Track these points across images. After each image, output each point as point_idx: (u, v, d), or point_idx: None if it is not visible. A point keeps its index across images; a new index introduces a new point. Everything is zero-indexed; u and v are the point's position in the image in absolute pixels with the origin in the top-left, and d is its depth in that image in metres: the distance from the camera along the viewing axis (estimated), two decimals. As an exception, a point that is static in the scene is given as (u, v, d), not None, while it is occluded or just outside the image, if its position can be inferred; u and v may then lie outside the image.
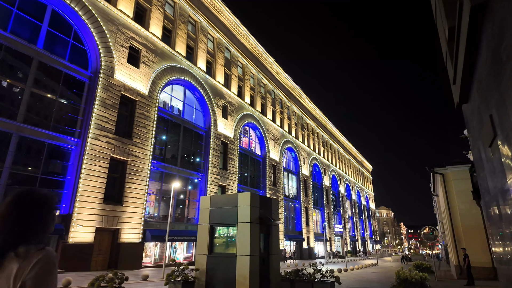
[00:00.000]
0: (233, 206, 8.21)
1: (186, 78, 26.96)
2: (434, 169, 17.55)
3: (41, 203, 1.43)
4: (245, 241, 7.72)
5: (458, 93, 8.17)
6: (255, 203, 8.25)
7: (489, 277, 15.06)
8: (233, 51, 35.46)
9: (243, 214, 7.96)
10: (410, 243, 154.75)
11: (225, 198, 8.74)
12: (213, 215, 8.45)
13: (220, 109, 30.94)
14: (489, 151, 6.57)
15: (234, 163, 31.83)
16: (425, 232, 15.75)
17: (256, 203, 8.30)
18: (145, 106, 22.57)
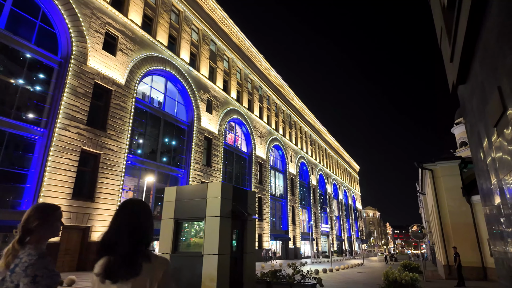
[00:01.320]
0: (202, 198, 7.14)
1: (168, 69, 25.65)
2: (423, 165, 16.88)
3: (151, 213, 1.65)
4: (213, 238, 6.66)
5: (456, 72, 7.26)
6: (226, 195, 7.19)
7: (478, 277, 14.43)
8: (219, 44, 34.28)
9: (212, 207, 6.90)
10: (396, 243, 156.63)
11: (193, 189, 7.65)
12: (179, 208, 7.36)
13: (205, 103, 29.72)
14: (493, 133, 5.67)
15: (218, 160, 30.67)
16: (413, 230, 15.01)
17: (228, 195, 7.25)
18: (121, 96, 21.18)
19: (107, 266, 1.41)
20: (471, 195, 15.17)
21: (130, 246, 1.44)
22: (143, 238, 1.51)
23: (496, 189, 6.06)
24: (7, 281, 1.64)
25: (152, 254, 1.48)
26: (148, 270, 1.41)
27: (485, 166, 6.79)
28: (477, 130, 7.16)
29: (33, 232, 1.75)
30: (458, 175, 15.83)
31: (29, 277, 1.60)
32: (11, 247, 1.72)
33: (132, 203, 1.62)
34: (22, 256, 1.67)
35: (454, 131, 29.95)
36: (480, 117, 6.58)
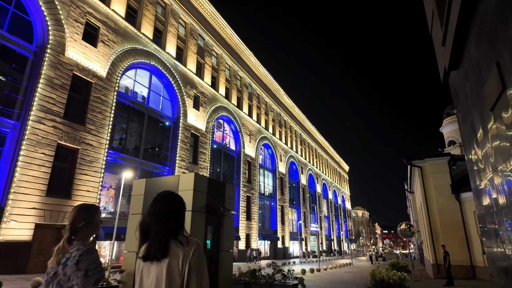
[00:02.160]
0: (173, 191, 6.50)
1: (153, 63, 24.80)
2: (412, 162, 16.54)
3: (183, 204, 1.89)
4: (184, 234, 6.04)
5: (449, 55, 6.75)
6: (200, 187, 6.54)
7: (467, 276, 14.12)
8: (207, 39, 33.52)
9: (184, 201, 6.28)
10: (385, 243, 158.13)
11: (163, 182, 6.97)
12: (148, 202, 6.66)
13: (191, 99, 28.93)
14: (489, 118, 5.17)
15: (205, 158, 29.91)
16: (402, 228, 14.63)
17: (202, 188, 6.60)
18: (102, 89, 20.26)
19: (146, 249, 1.67)
20: (460, 192, 14.87)
21: (162, 233, 1.66)
22: (173, 226, 1.71)
23: (491, 182, 5.57)
24: (59, 275, 1.83)
25: (184, 239, 1.68)
26: (180, 251, 1.62)
27: (479, 158, 6.33)
28: (470, 119, 6.69)
29: (80, 231, 1.95)
30: (447, 172, 15.53)
31: (82, 271, 1.79)
32: (61, 245, 1.92)
33: (163, 196, 1.83)
34: (71, 251, 1.85)
35: (443, 130, 29.92)
36: (474, 103, 6.10)
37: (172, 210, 1.76)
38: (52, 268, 1.91)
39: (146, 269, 1.65)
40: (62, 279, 1.83)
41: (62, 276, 1.83)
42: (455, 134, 28.26)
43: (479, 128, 5.95)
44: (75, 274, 1.80)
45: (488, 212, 6.14)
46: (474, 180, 7.21)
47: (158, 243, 1.63)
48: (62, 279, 1.83)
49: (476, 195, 7.12)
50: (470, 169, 7.38)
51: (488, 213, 6.17)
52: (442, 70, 7.79)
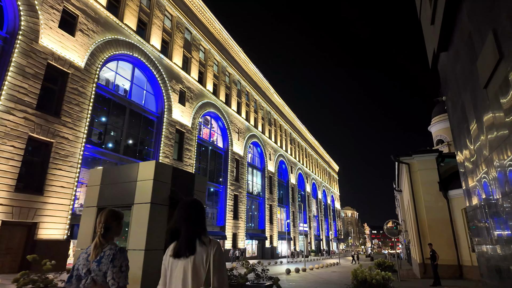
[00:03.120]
0: (131, 181, 5.77)
1: (136, 55, 23.86)
2: (399, 158, 16.11)
3: (204, 208, 2.17)
4: (141, 229, 5.30)
5: (438, 34, 6.19)
6: (163, 177, 5.83)
7: (454, 276, 13.73)
8: (195, 33, 32.67)
9: (143, 192, 5.53)
10: (373, 243, 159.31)
11: (122, 171, 6.23)
12: (104, 194, 5.92)
13: (177, 94, 28.06)
14: (483, 96, 4.62)
15: (191, 155, 29.08)
16: (388, 226, 14.15)
17: (165, 177, 5.89)
18: (80, 80, 19.27)
19: (175, 248, 1.97)
20: (448, 189, 14.48)
21: (189, 235, 1.96)
22: (198, 229, 2.00)
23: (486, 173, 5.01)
24: (94, 271, 2.05)
25: (207, 239, 1.98)
26: (204, 250, 1.92)
27: (470, 148, 5.78)
28: (461, 103, 6.13)
29: (110, 230, 2.21)
30: (435, 169, 15.14)
31: (117, 267, 2.04)
32: (98, 241, 2.14)
33: (189, 203, 2.13)
34: (105, 250, 2.11)
35: (431, 129, 29.79)
36: (465, 85, 5.54)
37: (197, 216, 2.04)
38: (84, 265, 2.10)
39: (174, 264, 1.93)
40: (97, 274, 2.03)
41: (97, 272, 2.03)
42: (443, 133, 28.12)
43: (471, 111, 5.41)
44: (110, 270, 2.01)
45: (480, 208, 5.61)
46: (464, 173, 6.66)
47: (186, 243, 1.92)
48: (97, 274, 2.03)
49: (467, 190, 6.58)
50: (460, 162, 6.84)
51: (479, 210, 5.64)
52: (430, 54, 7.25)
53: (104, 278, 2.02)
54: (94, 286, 2.03)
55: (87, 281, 2.03)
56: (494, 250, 5.29)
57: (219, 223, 33.61)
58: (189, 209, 2.06)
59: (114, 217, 2.25)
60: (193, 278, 1.83)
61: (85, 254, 2.16)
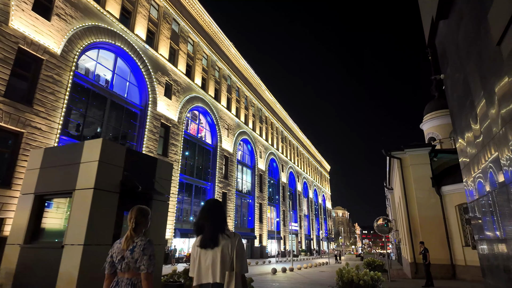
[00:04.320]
0: (75, 163, 4.83)
1: (118, 44, 22.71)
2: (391, 153, 15.39)
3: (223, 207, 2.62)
4: (80, 220, 4.37)
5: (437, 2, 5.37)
6: (113, 159, 4.89)
7: (446, 276, 13.05)
8: (183, 25, 31.58)
9: (86, 176, 4.60)
10: (364, 243, 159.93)
11: (64, 151, 5.27)
12: (43, 179, 4.96)
13: (163, 86, 26.97)
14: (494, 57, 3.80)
15: (177, 150, 28.01)
16: (379, 223, 13.40)
17: (115, 159, 4.95)
18: (55, 68, 18.09)
19: (202, 240, 2.37)
20: (441, 185, 13.81)
21: (212, 228, 2.38)
22: (220, 223, 2.42)
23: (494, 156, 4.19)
24: (127, 257, 2.43)
25: (230, 232, 2.43)
26: (228, 241, 2.32)
27: (475, 126, 4.95)
28: (463, 77, 5.32)
29: (139, 225, 2.59)
30: (428, 164, 14.46)
31: (147, 255, 2.42)
32: (129, 234, 2.52)
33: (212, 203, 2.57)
34: (136, 241, 2.49)
35: (423, 127, 29.28)
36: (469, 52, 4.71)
37: (218, 214, 2.48)
38: (118, 253, 2.49)
39: (203, 253, 2.33)
40: (130, 261, 2.42)
41: (130, 259, 2.41)
42: (435, 131, 27.62)
43: (477, 82, 4.60)
44: (141, 258, 2.41)
45: (487, 199, 4.81)
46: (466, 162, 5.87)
47: (211, 236, 2.35)
48: (130, 261, 2.42)
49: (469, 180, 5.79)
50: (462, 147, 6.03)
51: (485, 201, 4.84)
52: (428, 24, 6.42)
53: (135, 264, 2.40)
54: (128, 270, 2.43)
55: (122, 266, 2.42)
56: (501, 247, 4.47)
57: (206, 221, 32.64)
58: (211, 208, 2.49)
59: (142, 213, 2.62)
60: (221, 264, 2.22)
61: (119, 244, 2.53)
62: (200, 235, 2.40)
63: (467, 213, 13.13)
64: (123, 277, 2.45)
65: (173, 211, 26.26)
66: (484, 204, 4.74)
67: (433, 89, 31.32)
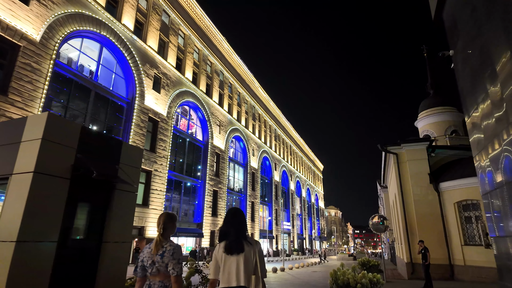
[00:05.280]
0: (15, 142, 3.98)
1: (104, 33, 21.65)
2: (387, 148, 14.72)
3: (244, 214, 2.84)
4: (15, 212, 3.52)
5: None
6: (62, 138, 4.03)
7: (444, 276, 12.43)
8: (173, 17, 30.58)
9: (25, 157, 3.75)
10: (356, 242, 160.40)
11: (6, 128, 4.39)
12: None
13: (151, 79, 25.96)
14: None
15: (165, 146, 27.04)
16: (374, 221, 12.71)
17: (66, 139, 4.09)
18: (34, 55, 17.02)
19: (227, 246, 2.53)
20: (439, 181, 13.18)
21: (237, 235, 2.56)
22: (243, 231, 2.63)
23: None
24: (157, 262, 2.57)
25: (251, 240, 2.63)
26: (251, 248, 2.54)
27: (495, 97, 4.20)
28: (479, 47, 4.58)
29: (167, 230, 2.72)
30: (425, 159, 13.83)
31: (176, 259, 2.59)
32: (158, 239, 2.65)
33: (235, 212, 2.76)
34: (165, 246, 2.63)
35: (418, 124, 28.85)
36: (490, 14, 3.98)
37: (241, 222, 2.69)
38: (149, 258, 2.61)
39: (227, 258, 2.49)
40: (160, 265, 2.56)
41: (161, 263, 2.56)
42: (430, 128, 27.15)
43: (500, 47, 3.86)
44: (171, 261, 2.56)
45: (507, 190, 4.08)
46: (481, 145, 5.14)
47: (236, 243, 2.52)
48: (160, 265, 2.56)
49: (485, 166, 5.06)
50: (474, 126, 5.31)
51: (507, 189, 4.11)
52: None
53: (166, 268, 2.57)
54: (158, 274, 2.59)
55: (153, 270, 2.59)
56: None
57: (196, 220, 31.69)
58: (235, 216, 2.72)
59: (169, 219, 2.79)
60: (245, 269, 2.45)
61: (149, 248, 2.67)
62: (223, 241, 2.59)
63: (466, 211, 12.54)
64: (154, 280, 2.61)
65: (161, 209, 25.30)
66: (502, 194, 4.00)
67: (428, 87, 30.96)
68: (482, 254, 11.47)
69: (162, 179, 25.97)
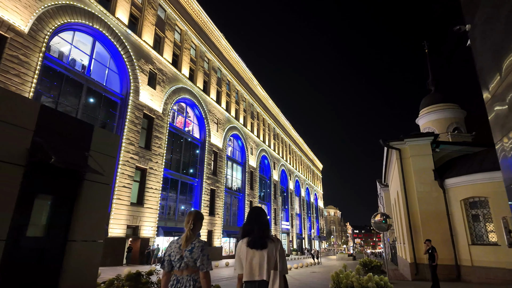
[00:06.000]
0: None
1: (96, 27, 20.99)
2: (389, 143, 14.11)
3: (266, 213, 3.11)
4: None
5: None
6: (14, 118, 3.41)
7: (450, 277, 11.81)
8: (169, 12, 29.92)
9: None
10: (355, 242, 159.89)
11: None
12: None
13: (146, 75, 25.30)
14: None
15: (161, 143, 26.38)
16: (376, 220, 12.10)
17: (21, 119, 3.47)
18: (21, 47, 16.37)
19: (250, 241, 2.67)
20: (444, 178, 12.56)
21: (259, 232, 2.69)
22: (266, 228, 2.76)
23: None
24: (186, 257, 2.74)
25: (273, 237, 2.74)
26: (273, 245, 2.66)
27: None
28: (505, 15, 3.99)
29: (196, 226, 2.91)
30: (429, 155, 13.21)
31: (205, 255, 2.77)
32: (188, 234, 2.84)
33: (259, 211, 2.90)
34: (194, 242, 2.82)
35: (419, 122, 28.26)
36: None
37: (264, 219, 2.82)
38: (177, 253, 2.77)
39: (251, 253, 2.62)
40: (189, 260, 2.73)
41: (190, 258, 2.74)
42: (431, 125, 26.56)
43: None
44: (201, 257, 2.74)
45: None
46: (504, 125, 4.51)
47: (260, 239, 2.66)
48: (189, 260, 2.73)
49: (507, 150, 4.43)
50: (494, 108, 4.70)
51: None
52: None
53: (194, 263, 2.74)
54: (186, 268, 2.73)
55: (181, 265, 2.74)
56: None
57: (193, 219, 31.03)
58: (258, 214, 2.84)
59: (198, 217, 2.98)
60: (267, 263, 2.58)
61: (177, 244, 2.84)
62: (246, 237, 2.73)
63: (473, 208, 11.93)
64: (181, 275, 2.73)
65: (156, 208, 24.65)
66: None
67: (429, 83, 30.38)
68: (490, 254, 10.87)
69: (157, 177, 25.32)
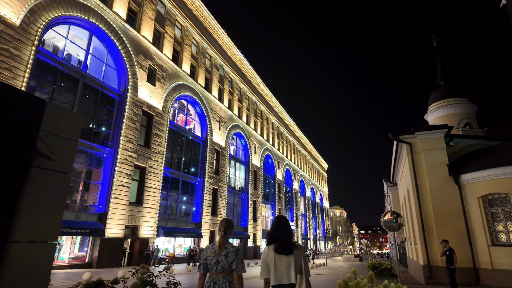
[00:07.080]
0: None
1: (93, 21, 20.36)
2: (399, 137, 13.18)
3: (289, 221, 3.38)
4: None
5: None
6: None
7: (468, 281, 10.85)
8: (169, 7, 29.25)
9: None
10: (362, 243, 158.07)
11: None
12: None
13: (145, 71, 24.64)
14: None
15: (161, 141, 25.68)
16: (386, 219, 11.18)
17: None
18: (13, 40, 15.76)
19: (277, 247, 3.02)
20: (459, 173, 11.61)
21: (284, 239, 3.05)
22: (290, 235, 3.12)
23: None
24: (222, 261, 2.98)
25: (297, 243, 3.09)
26: (298, 250, 3.02)
27: None
28: None
29: (227, 233, 3.17)
30: (443, 149, 12.27)
31: (240, 259, 3.03)
32: (221, 240, 3.10)
33: (281, 216, 3.32)
34: (228, 248, 3.07)
35: (428, 118, 27.20)
36: None
37: (288, 227, 3.19)
38: (213, 257, 3.02)
39: (278, 258, 2.97)
40: (224, 264, 2.97)
41: (225, 262, 2.98)
42: (441, 121, 25.44)
43: None
44: (236, 261, 2.99)
45: None
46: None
47: (287, 246, 3.01)
48: (224, 264, 2.97)
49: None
50: None
51: None
52: None
53: (229, 267, 2.98)
54: (222, 271, 2.98)
55: (218, 268, 2.98)
56: None
57: (195, 219, 30.29)
58: (283, 223, 3.22)
59: (229, 225, 3.21)
60: (294, 268, 2.91)
61: (212, 249, 3.10)
62: (272, 244, 3.08)
63: (493, 206, 10.96)
64: (217, 277, 3.00)
65: (156, 208, 23.95)
66: None
67: (438, 77, 29.24)
68: None
69: (157, 176, 24.62)
